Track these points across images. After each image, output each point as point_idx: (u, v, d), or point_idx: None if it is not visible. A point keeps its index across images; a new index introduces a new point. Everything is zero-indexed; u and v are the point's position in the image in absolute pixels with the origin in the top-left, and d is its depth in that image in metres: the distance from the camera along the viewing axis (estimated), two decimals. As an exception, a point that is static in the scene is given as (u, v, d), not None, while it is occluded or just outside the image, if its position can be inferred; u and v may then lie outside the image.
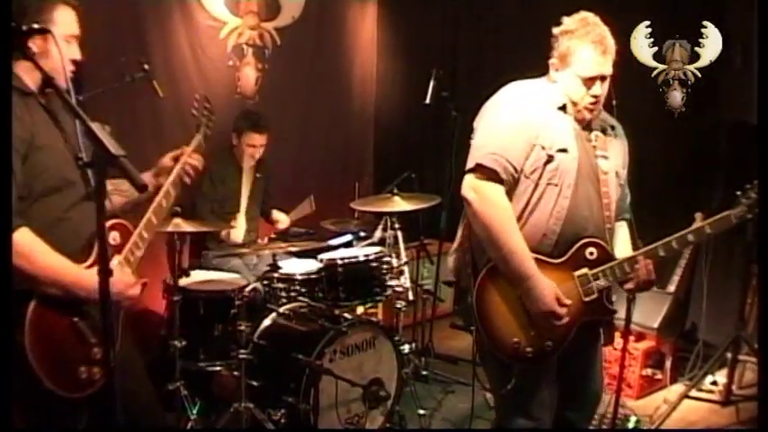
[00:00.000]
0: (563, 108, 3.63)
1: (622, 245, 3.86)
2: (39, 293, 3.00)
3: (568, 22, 3.63)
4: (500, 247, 3.50)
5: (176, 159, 3.81)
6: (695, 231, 3.69)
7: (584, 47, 3.54)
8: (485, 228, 3.53)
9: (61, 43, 3.21)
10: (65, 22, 3.27)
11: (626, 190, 3.95)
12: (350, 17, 8.76)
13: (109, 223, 3.29)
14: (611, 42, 3.59)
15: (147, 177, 3.73)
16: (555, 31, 3.65)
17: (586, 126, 3.71)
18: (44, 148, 3.12)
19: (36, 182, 3.08)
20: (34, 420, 3.12)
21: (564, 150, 3.55)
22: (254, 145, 6.46)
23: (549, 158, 3.53)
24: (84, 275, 3.10)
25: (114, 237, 3.35)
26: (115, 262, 3.28)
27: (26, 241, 2.96)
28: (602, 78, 3.60)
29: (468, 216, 3.64)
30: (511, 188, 3.56)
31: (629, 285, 3.72)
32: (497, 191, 3.51)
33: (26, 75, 3.23)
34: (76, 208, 3.24)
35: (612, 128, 3.85)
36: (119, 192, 3.72)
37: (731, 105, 6.58)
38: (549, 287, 3.48)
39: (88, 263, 3.19)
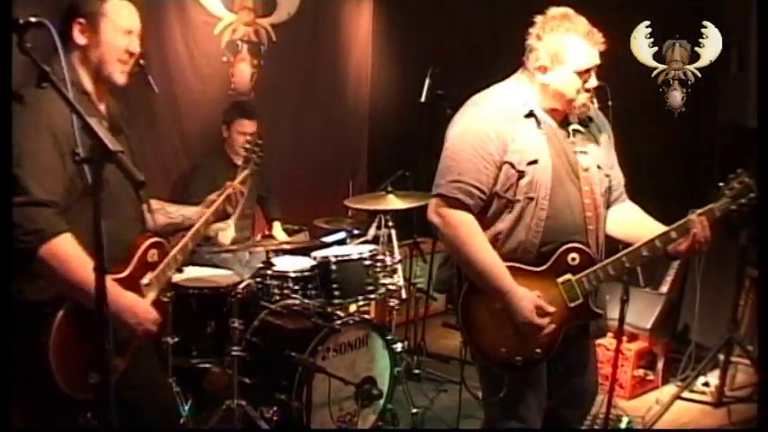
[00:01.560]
0: (531, 114, 3.58)
1: (640, 220, 3.84)
2: (69, 302, 3.02)
3: (548, 19, 3.56)
4: (472, 267, 3.52)
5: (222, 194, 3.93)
6: (678, 228, 3.60)
7: (576, 40, 3.50)
8: (454, 250, 3.56)
9: (115, 34, 3.28)
10: (118, 14, 3.31)
11: (617, 174, 3.89)
12: (345, 14, 8.74)
13: (149, 241, 3.38)
14: (597, 32, 3.55)
15: (197, 208, 3.91)
16: (534, 31, 3.59)
17: (563, 121, 3.68)
18: None
19: (81, 183, 3.09)
20: (36, 414, 3.15)
21: (534, 162, 3.52)
22: (246, 132, 6.43)
23: (521, 174, 3.51)
24: (116, 296, 3.11)
25: (152, 254, 3.40)
26: (146, 280, 3.35)
27: (67, 249, 2.96)
28: (595, 69, 3.57)
29: (439, 239, 3.67)
30: (484, 208, 3.56)
31: (682, 247, 3.60)
32: (462, 215, 3.51)
33: (83, 71, 3.28)
34: (117, 212, 3.27)
35: (590, 119, 3.79)
36: (164, 212, 3.80)
37: (728, 108, 6.59)
38: (526, 299, 3.46)
39: (124, 274, 3.24)
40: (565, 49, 3.51)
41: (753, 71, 6.16)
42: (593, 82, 3.57)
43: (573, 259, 3.58)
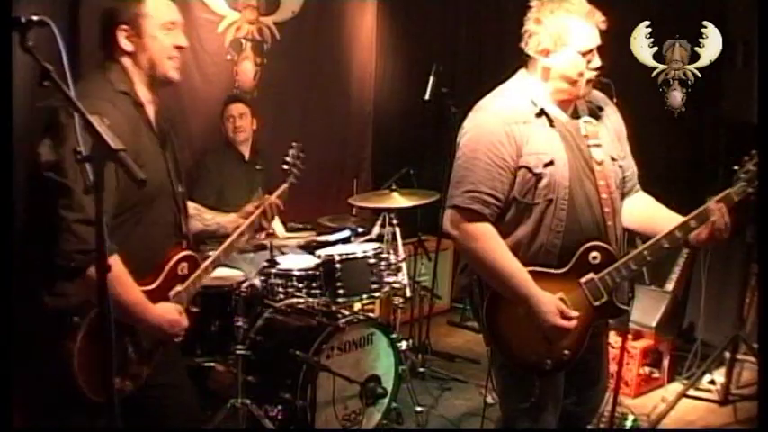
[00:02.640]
0: (542, 113, 3.54)
1: (658, 212, 3.80)
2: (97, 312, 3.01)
3: (547, 3, 3.51)
4: (494, 276, 3.48)
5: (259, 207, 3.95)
6: (697, 216, 3.55)
7: (578, 20, 3.45)
8: (474, 261, 3.54)
9: (160, 32, 3.30)
10: (159, 10, 3.33)
11: (630, 164, 3.85)
12: (349, 12, 8.72)
13: (181, 254, 3.41)
14: (596, 11, 3.51)
15: (233, 216, 3.97)
16: (532, 16, 3.54)
17: (574, 112, 3.65)
18: (148, 163, 3.19)
19: (130, 198, 3.12)
20: (56, 416, 3.18)
21: (551, 163, 3.48)
22: (233, 114, 6.54)
23: (539, 177, 3.47)
24: (152, 311, 3.19)
25: (182, 267, 3.44)
26: (173, 292, 3.40)
27: (116, 269, 2.93)
28: (598, 49, 3.54)
29: (457, 249, 3.65)
30: (501, 215, 3.52)
31: (703, 236, 3.57)
32: (479, 226, 3.47)
33: (137, 77, 3.31)
34: (155, 222, 3.28)
35: (601, 108, 3.76)
36: (201, 219, 3.82)
37: (733, 105, 6.57)
38: (549, 303, 3.42)
39: (153, 285, 3.27)
40: (567, 31, 3.46)
41: (758, 67, 6.14)
42: (596, 62, 3.52)
43: (594, 258, 3.54)
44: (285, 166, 4.33)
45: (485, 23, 8.47)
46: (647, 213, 3.81)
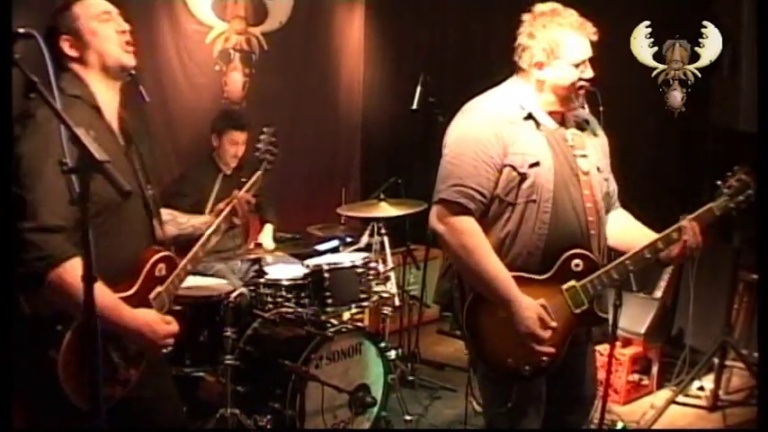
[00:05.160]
0: (529, 117, 3.57)
1: (635, 229, 3.82)
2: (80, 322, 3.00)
3: (537, 16, 3.55)
4: (476, 276, 3.48)
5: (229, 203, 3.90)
6: (678, 229, 3.61)
7: (570, 33, 3.49)
8: (458, 258, 3.52)
9: (96, 25, 3.24)
10: (88, 7, 3.27)
11: (612, 181, 3.88)
12: (337, 22, 8.75)
13: (157, 255, 3.34)
14: (588, 23, 3.55)
15: (206, 216, 3.92)
16: (525, 29, 3.57)
17: (562, 123, 3.67)
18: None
19: (96, 201, 3.08)
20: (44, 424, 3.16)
21: (536, 164, 3.49)
22: (237, 142, 6.42)
23: (523, 177, 3.48)
24: (129, 316, 3.12)
25: (160, 268, 3.36)
26: (153, 294, 3.33)
27: (76, 274, 2.85)
28: (590, 60, 3.57)
29: (441, 247, 3.65)
30: (484, 211, 3.53)
31: (675, 252, 3.61)
32: (466, 221, 3.47)
33: (90, 77, 3.27)
34: (125, 226, 3.26)
35: (587, 122, 3.80)
36: (175, 223, 3.78)
37: (720, 111, 6.60)
38: (530, 309, 3.41)
39: (132, 291, 3.21)
40: (560, 44, 3.49)
41: (744, 74, 6.16)
42: (588, 72, 3.55)
43: (577, 265, 3.55)
44: (257, 153, 4.24)
45: (472, 33, 8.48)
46: (623, 230, 3.83)
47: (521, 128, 3.54)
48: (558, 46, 3.50)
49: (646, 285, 6.51)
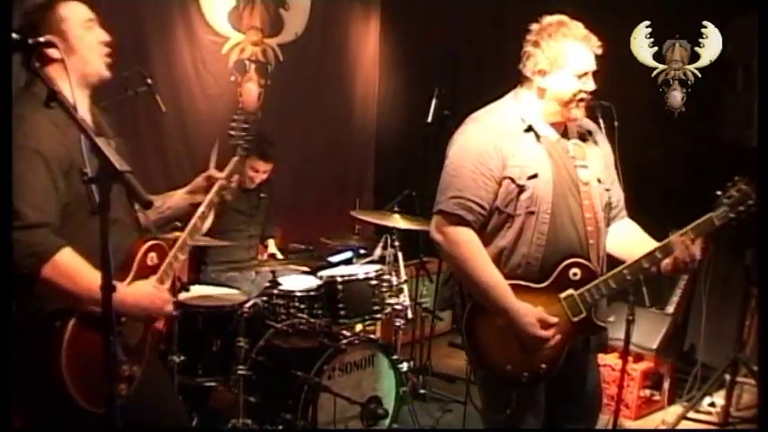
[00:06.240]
0: (530, 129, 3.61)
1: (638, 239, 3.84)
2: (79, 312, 3.00)
3: (545, 26, 3.60)
4: (475, 286, 3.52)
5: (210, 179, 3.81)
6: (661, 248, 3.61)
7: (574, 44, 3.53)
8: (457, 268, 3.58)
9: (83, 32, 3.25)
10: (75, 11, 3.27)
11: (617, 191, 3.89)
12: (352, 34, 8.78)
13: (147, 245, 3.33)
14: (593, 37, 3.59)
15: (180, 194, 3.81)
16: (531, 38, 3.62)
17: (563, 134, 3.70)
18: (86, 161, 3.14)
19: (75, 201, 3.10)
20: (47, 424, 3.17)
21: (535, 176, 3.53)
22: (258, 171, 6.42)
23: (521, 189, 3.52)
24: (125, 293, 3.13)
25: (152, 257, 3.36)
26: (151, 282, 3.32)
27: (70, 261, 2.96)
28: (593, 73, 3.60)
29: (441, 257, 3.68)
30: (484, 223, 3.57)
31: (669, 268, 3.63)
32: (464, 232, 3.52)
33: (67, 83, 3.26)
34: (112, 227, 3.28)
35: (590, 132, 3.83)
36: (153, 208, 3.75)
37: (733, 127, 6.60)
38: (529, 314, 3.46)
39: (126, 281, 3.22)
40: (563, 54, 3.54)
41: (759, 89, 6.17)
42: (590, 85, 3.59)
43: (574, 274, 3.58)
44: (231, 140, 4.15)
45: (486, 46, 8.51)
46: (629, 241, 3.84)
47: (521, 140, 3.59)
48: (561, 56, 3.55)
49: (658, 301, 6.51)
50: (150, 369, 3.43)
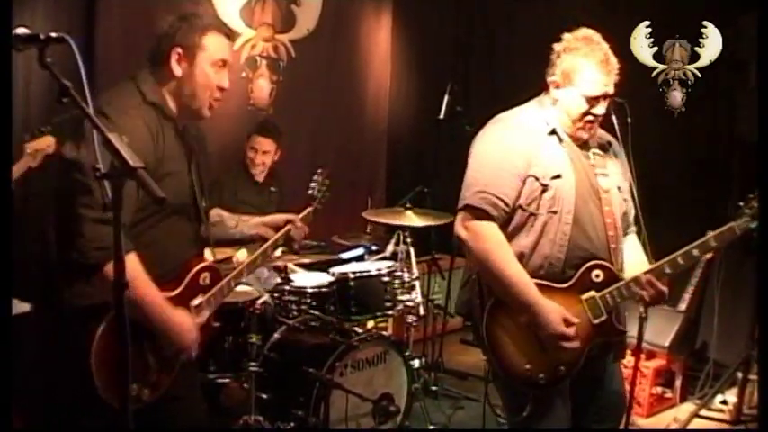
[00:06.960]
0: (553, 132, 3.65)
1: (635, 257, 3.86)
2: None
3: (571, 39, 3.63)
4: (499, 280, 3.53)
5: (287, 222, 4.02)
6: (700, 246, 3.66)
7: (589, 66, 3.55)
8: (481, 263, 3.58)
9: (210, 69, 3.33)
10: (216, 46, 3.36)
11: (630, 204, 3.91)
12: (364, 30, 8.75)
13: (202, 264, 3.43)
14: (614, 61, 3.60)
15: (255, 223, 4.04)
16: (557, 47, 3.66)
17: (584, 145, 3.73)
18: (170, 175, 3.24)
19: (145, 208, 3.14)
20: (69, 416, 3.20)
21: (558, 177, 3.57)
22: (256, 149, 6.45)
23: (545, 188, 3.56)
24: (171, 317, 3.19)
25: (204, 277, 3.44)
26: (196, 302, 3.41)
27: (132, 268, 2.96)
28: (605, 98, 3.61)
29: (465, 253, 3.69)
30: (507, 221, 3.59)
31: (640, 302, 3.68)
32: (489, 227, 3.54)
33: (171, 99, 3.29)
34: (175, 232, 3.30)
35: (609, 144, 3.87)
36: (222, 226, 3.90)
37: (745, 124, 6.57)
38: (554, 310, 3.47)
39: (175, 292, 3.28)
40: (576, 73, 3.57)
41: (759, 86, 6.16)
42: (600, 109, 3.61)
43: (597, 276, 3.59)
44: (310, 191, 4.34)
45: (499, 42, 8.50)
46: (626, 260, 3.86)
47: (545, 142, 3.63)
48: (573, 73, 3.58)
49: (670, 298, 6.47)
50: (183, 383, 3.45)
